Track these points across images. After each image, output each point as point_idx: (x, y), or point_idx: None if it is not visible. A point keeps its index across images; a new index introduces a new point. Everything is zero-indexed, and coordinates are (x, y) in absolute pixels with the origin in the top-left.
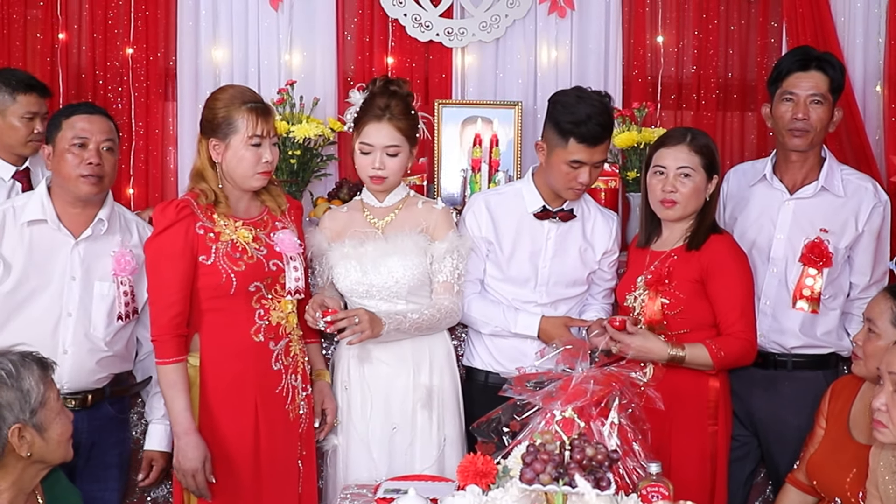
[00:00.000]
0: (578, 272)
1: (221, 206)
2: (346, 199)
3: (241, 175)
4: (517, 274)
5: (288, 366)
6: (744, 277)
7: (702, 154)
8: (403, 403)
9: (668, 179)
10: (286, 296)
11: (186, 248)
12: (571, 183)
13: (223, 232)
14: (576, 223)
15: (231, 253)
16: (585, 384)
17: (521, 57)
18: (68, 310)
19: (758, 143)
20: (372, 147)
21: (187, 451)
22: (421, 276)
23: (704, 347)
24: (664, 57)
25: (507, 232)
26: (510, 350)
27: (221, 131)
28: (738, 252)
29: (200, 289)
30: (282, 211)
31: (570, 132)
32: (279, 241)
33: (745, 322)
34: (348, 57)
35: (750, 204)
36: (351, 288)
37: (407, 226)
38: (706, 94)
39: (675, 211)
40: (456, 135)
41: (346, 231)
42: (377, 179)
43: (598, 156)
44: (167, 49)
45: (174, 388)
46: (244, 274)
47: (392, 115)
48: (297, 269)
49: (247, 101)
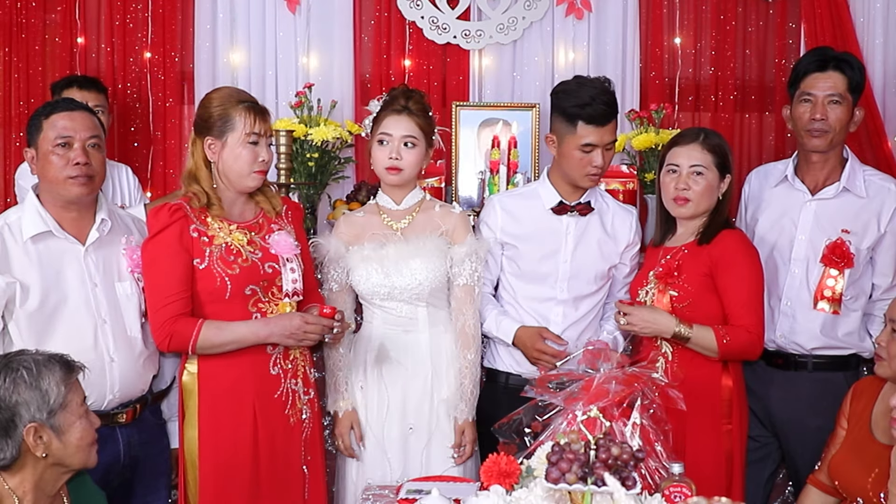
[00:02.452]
0: (599, 266)
1: (215, 209)
2: (364, 202)
3: (238, 174)
4: (537, 271)
5: (287, 370)
6: (753, 272)
7: (714, 153)
8: (420, 405)
9: (681, 177)
10: (283, 298)
11: (183, 250)
12: (587, 168)
13: (217, 235)
14: (594, 217)
15: (225, 256)
16: (607, 385)
17: (538, 59)
18: (102, 317)
19: (776, 144)
20: (390, 137)
21: (283, 322)
22: (441, 279)
23: (712, 331)
24: (682, 58)
25: (525, 230)
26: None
27: (218, 129)
28: (748, 247)
29: (196, 293)
30: (277, 213)
31: (577, 115)
32: (274, 244)
33: (753, 316)
34: (365, 59)
35: (771, 205)
36: (373, 290)
37: (426, 228)
38: (724, 95)
39: (688, 209)
40: (473, 137)
41: (364, 234)
42: (394, 170)
43: (608, 136)
44: (185, 52)
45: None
46: (238, 277)
47: (411, 111)
48: (295, 270)
49: (243, 99)
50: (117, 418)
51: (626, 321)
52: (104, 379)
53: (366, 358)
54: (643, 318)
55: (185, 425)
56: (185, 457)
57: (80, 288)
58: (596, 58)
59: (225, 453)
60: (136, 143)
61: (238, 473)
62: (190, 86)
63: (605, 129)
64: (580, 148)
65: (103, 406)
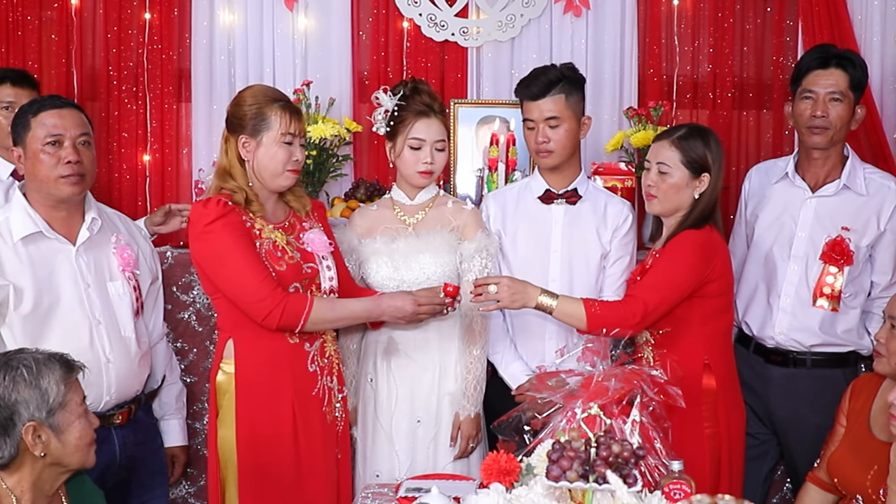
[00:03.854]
0: (592, 255)
1: (254, 206)
2: (362, 200)
3: (272, 173)
4: (530, 263)
5: (324, 367)
6: (681, 265)
7: (683, 151)
8: (428, 397)
9: (650, 174)
10: (321, 296)
11: (249, 232)
12: (534, 146)
13: (263, 229)
14: (585, 205)
15: (273, 251)
16: (607, 382)
17: (536, 56)
18: (97, 318)
19: (774, 141)
20: (423, 142)
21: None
22: (451, 274)
23: (581, 300)
24: (680, 56)
25: (516, 221)
26: (530, 349)
27: (253, 127)
28: (692, 244)
29: None
30: (306, 212)
31: (519, 96)
32: (310, 242)
33: (655, 295)
34: (363, 57)
35: (771, 202)
36: (382, 283)
37: (437, 224)
38: (722, 92)
39: (654, 205)
40: (471, 135)
41: (377, 228)
42: (427, 174)
43: (545, 111)
44: (182, 50)
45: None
46: (286, 274)
47: (436, 112)
48: (331, 268)
49: (278, 98)
50: (113, 420)
51: (495, 290)
52: (101, 380)
53: (375, 350)
54: (512, 287)
55: (218, 425)
56: (220, 456)
57: (73, 289)
58: (594, 55)
59: (266, 452)
60: (131, 141)
61: (280, 472)
62: (186, 83)
63: (540, 103)
64: (526, 125)
65: (100, 407)
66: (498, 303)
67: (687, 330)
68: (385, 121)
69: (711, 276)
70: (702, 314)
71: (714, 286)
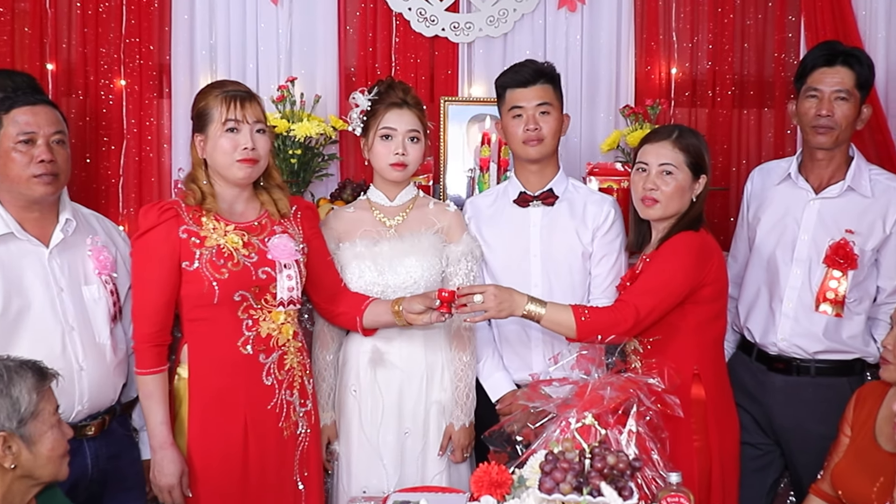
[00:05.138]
0: (572, 258)
1: (209, 203)
2: (349, 200)
3: (222, 165)
4: (510, 270)
5: (282, 380)
6: (676, 267)
7: (686, 152)
8: (416, 408)
9: (650, 177)
10: (277, 307)
11: (168, 252)
12: (522, 135)
13: (209, 236)
14: (562, 206)
15: (215, 259)
16: (602, 391)
17: (529, 53)
18: (70, 324)
19: (775, 141)
20: (394, 131)
21: (164, 465)
22: (436, 277)
23: (569, 307)
24: (678, 52)
25: (493, 228)
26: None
27: (201, 123)
28: (690, 246)
29: (184, 297)
30: (282, 215)
31: (504, 85)
32: (273, 248)
33: (648, 299)
34: (350, 52)
35: (774, 204)
36: (365, 289)
37: (421, 225)
38: (722, 90)
39: (656, 210)
40: (462, 133)
41: (355, 231)
42: (399, 166)
43: (536, 98)
44: (161, 43)
45: (151, 399)
46: (227, 282)
47: (410, 104)
48: (292, 277)
49: (224, 88)
50: (85, 431)
51: (481, 299)
52: (73, 389)
53: (358, 360)
54: (498, 296)
55: (175, 433)
56: None
57: (45, 293)
58: (589, 51)
59: (213, 465)
60: (108, 138)
61: (226, 487)
62: (166, 78)
63: (530, 90)
64: (511, 114)
65: (71, 418)
66: (485, 313)
67: (677, 338)
68: (360, 119)
69: (706, 280)
70: (694, 321)
71: (708, 291)
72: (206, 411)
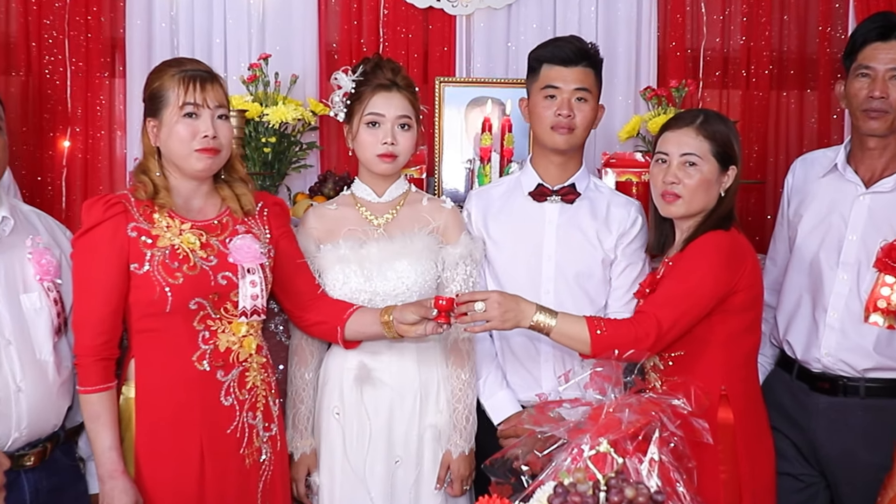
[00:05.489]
0: (592, 263)
1: (161, 197)
2: (330, 196)
3: (178, 155)
4: (518, 272)
5: (244, 401)
6: (704, 272)
7: (712, 139)
8: (408, 433)
9: (671, 169)
10: (239, 317)
11: (115, 253)
12: (552, 119)
13: (162, 235)
14: (583, 204)
15: (168, 262)
16: (620, 413)
17: (537, 27)
18: (6, 337)
19: (819, 127)
20: (382, 118)
21: (114, 496)
22: (431, 283)
23: (583, 319)
24: (707, 26)
25: (502, 223)
26: (523, 374)
27: (155, 107)
28: (719, 248)
29: (133, 304)
30: (246, 212)
31: (540, 59)
32: (234, 250)
33: (669, 310)
34: (332, 27)
35: (818, 199)
36: (351, 296)
37: (413, 224)
38: (757, 69)
39: (678, 206)
40: (460, 119)
41: (338, 230)
42: (388, 157)
43: (575, 81)
44: (115, 15)
45: (98, 422)
46: (181, 288)
47: (400, 86)
48: (256, 284)
49: (183, 69)
50: (23, 461)
51: (483, 307)
52: (9, 412)
53: (342, 379)
54: (503, 304)
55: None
56: None
57: None
58: (605, 25)
59: (164, 498)
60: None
61: None
62: (120, 55)
63: (570, 71)
64: (545, 96)
65: (7, 446)
66: (487, 323)
67: (704, 353)
68: (343, 103)
69: (739, 287)
70: (724, 334)
71: (740, 299)
72: (156, 436)
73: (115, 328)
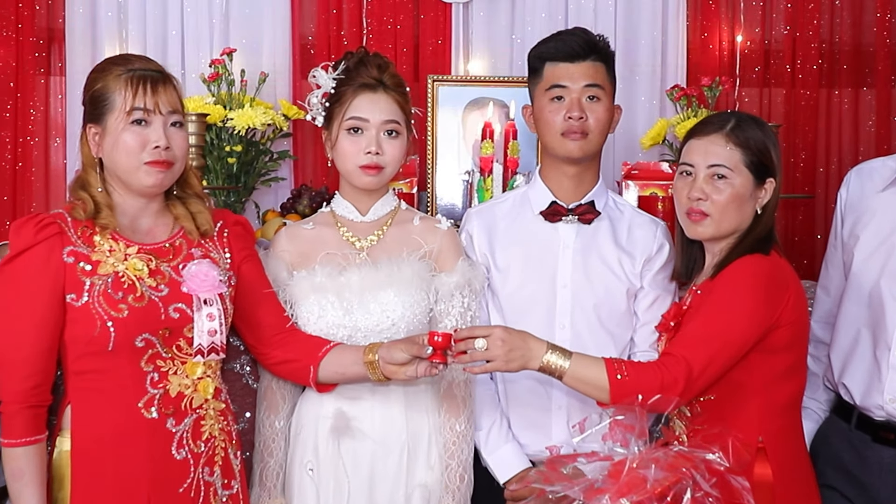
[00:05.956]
0: (614, 293)
1: (104, 217)
2: (306, 214)
3: (124, 168)
4: (526, 303)
5: (199, 454)
6: (741, 304)
7: (745, 147)
8: (393, 493)
9: (697, 182)
10: (194, 356)
11: (48, 282)
12: (562, 124)
13: (104, 261)
14: (603, 225)
15: (111, 292)
16: (644, 470)
17: (546, 16)
18: None
19: (878, 132)
20: (366, 122)
21: None
22: (422, 317)
23: (602, 361)
24: (745, 14)
25: (509, 246)
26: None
27: (96, 111)
28: (758, 275)
29: (69, 342)
30: (203, 233)
31: (542, 57)
32: (189, 278)
33: (700, 350)
34: (307, 16)
35: (878, 216)
36: (327, 332)
37: (402, 248)
38: (804, 65)
39: (705, 227)
40: (457, 124)
41: (315, 254)
42: (373, 169)
43: (584, 77)
44: (52, 3)
45: (22, 481)
46: (126, 322)
47: (388, 86)
48: (214, 317)
49: (131, 67)
50: None
51: (484, 345)
52: None
53: (317, 428)
54: (508, 342)
55: None
56: None
57: None
58: (626, 13)
59: None
60: None
61: None
62: (59, 49)
63: (578, 66)
64: (549, 95)
65: None
66: (489, 364)
67: (738, 398)
68: (321, 105)
69: (781, 321)
70: (762, 376)
71: (782, 335)
72: (96, 497)
73: (48, 370)
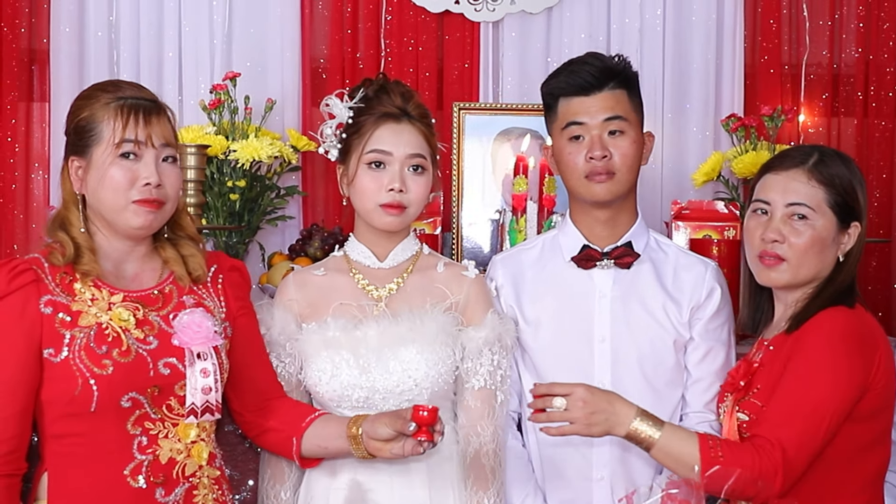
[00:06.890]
0: (657, 340)
1: (85, 263)
2: (317, 258)
3: (110, 206)
4: (559, 360)
5: None
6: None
7: (830, 185)
8: None
9: (773, 222)
10: (186, 417)
11: (23, 336)
12: (584, 166)
13: (85, 311)
14: (644, 269)
15: (94, 345)
16: None
17: (585, 37)
18: None
19: None
20: (389, 156)
21: None
22: (447, 378)
23: (696, 437)
24: (810, 34)
25: (538, 299)
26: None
27: (81, 143)
28: (846, 335)
29: (46, 402)
30: (195, 279)
31: (553, 92)
32: (180, 329)
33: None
34: (318, 37)
35: None
36: (342, 394)
37: (424, 298)
38: (879, 90)
39: (781, 273)
40: (486, 157)
41: (327, 304)
42: (395, 208)
43: (603, 110)
44: (36, 21)
45: None
46: (111, 379)
47: (412, 116)
48: (209, 372)
49: (121, 95)
50: None
51: (563, 404)
52: None
53: (328, 500)
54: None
55: None
56: None
57: None
58: (675, 33)
59: None
60: None
61: None
62: (43, 73)
63: (594, 99)
64: (567, 134)
65: None
66: (568, 426)
67: (815, 472)
68: (337, 138)
69: (871, 386)
70: (846, 447)
71: (870, 401)
72: None
73: (23, 434)
